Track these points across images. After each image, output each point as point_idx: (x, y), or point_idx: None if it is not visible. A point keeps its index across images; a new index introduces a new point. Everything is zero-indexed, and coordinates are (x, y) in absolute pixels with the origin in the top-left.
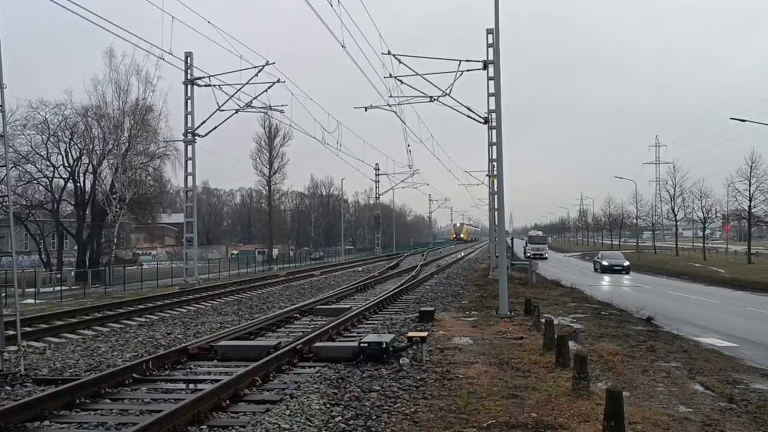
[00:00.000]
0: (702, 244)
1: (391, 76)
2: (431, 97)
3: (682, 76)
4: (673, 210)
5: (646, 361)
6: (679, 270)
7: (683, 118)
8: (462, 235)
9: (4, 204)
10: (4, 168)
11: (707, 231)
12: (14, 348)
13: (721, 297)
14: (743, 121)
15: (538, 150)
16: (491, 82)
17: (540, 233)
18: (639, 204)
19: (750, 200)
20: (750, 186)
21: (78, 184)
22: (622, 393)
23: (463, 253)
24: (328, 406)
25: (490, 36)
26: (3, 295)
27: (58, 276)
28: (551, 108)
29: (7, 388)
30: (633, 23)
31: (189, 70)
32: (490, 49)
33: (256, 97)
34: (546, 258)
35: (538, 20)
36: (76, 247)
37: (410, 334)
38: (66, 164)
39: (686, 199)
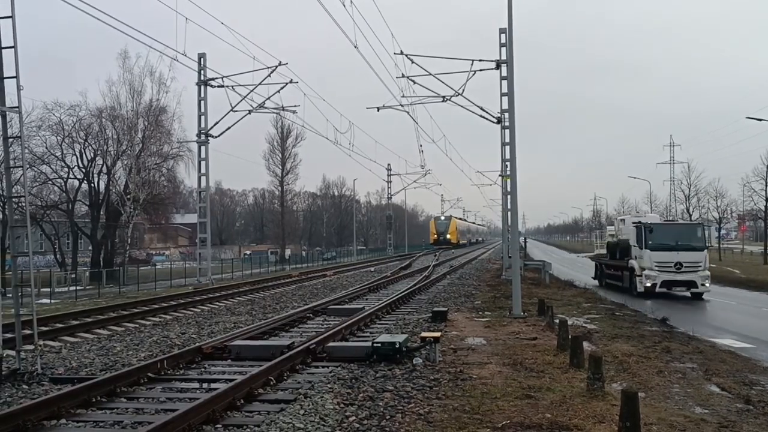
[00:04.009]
0: (717, 245)
1: (403, 76)
2: (444, 96)
3: (698, 76)
4: (687, 210)
5: (661, 362)
6: None
7: (698, 118)
8: (449, 236)
9: (21, 204)
10: (21, 169)
11: (723, 231)
12: (31, 347)
13: (736, 298)
14: (759, 120)
15: (552, 150)
16: (504, 82)
17: (676, 219)
18: (653, 204)
19: (766, 200)
20: (766, 186)
21: (92, 185)
22: (638, 394)
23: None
24: (342, 405)
25: (503, 35)
26: (19, 294)
27: (73, 276)
28: (565, 109)
29: (25, 386)
30: (650, 25)
31: (202, 71)
32: (503, 49)
33: (268, 98)
34: (701, 295)
35: (551, 22)
36: (90, 248)
37: (423, 334)
38: (80, 165)
39: (701, 199)
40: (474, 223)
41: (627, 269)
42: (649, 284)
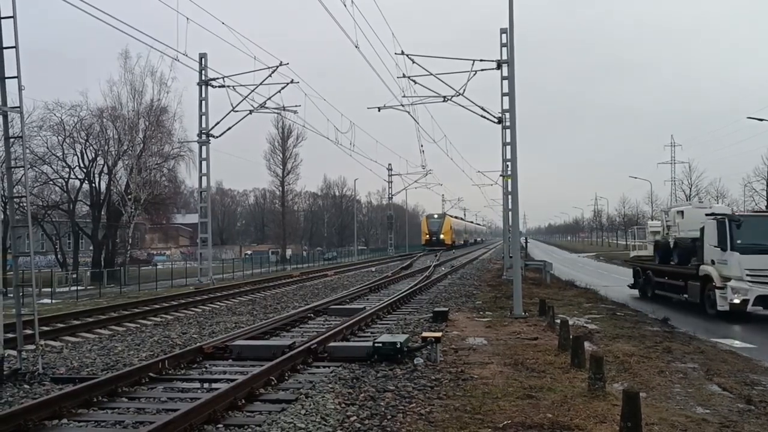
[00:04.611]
0: None
1: (404, 76)
2: (445, 96)
3: (698, 77)
4: None
5: (662, 362)
6: None
7: (699, 118)
8: (443, 236)
9: (22, 204)
10: (22, 169)
11: None
12: (32, 347)
13: None
14: (760, 120)
15: (553, 150)
16: (505, 82)
17: None
18: (654, 204)
19: (767, 200)
20: (767, 186)
21: (93, 185)
22: (639, 394)
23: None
24: (343, 405)
25: (504, 35)
26: (21, 294)
27: (74, 276)
28: (566, 108)
29: (26, 386)
30: (651, 26)
31: (203, 71)
32: (504, 49)
33: (269, 98)
34: None
35: (552, 22)
36: (91, 248)
37: (424, 334)
38: (81, 165)
39: (702, 198)
40: (472, 222)
41: (697, 278)
42: (737, 300)
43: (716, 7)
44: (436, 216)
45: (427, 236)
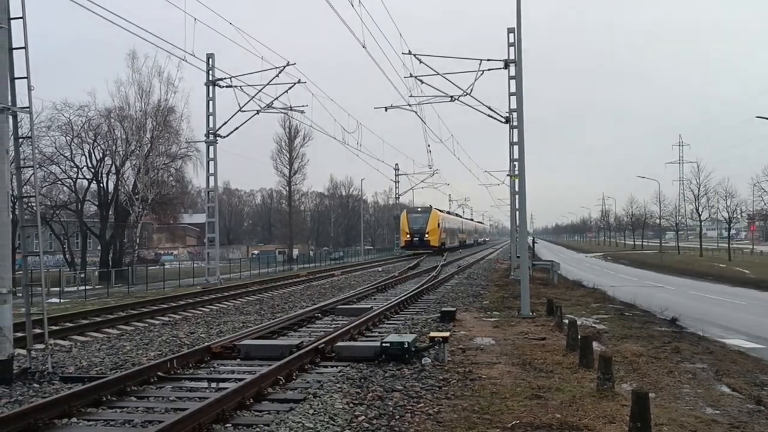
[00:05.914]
0: (727, 245)
1: (411, 75)
2: (452, 96)
3: (708, 77)
4: (697, 210)
5: (671, 363)
6: (704, 271)
7: (708, 117)
8: (428, 236)
9: (31, 204)
10: (31, 169)
11: (732, 231)
12: (41, 346)
13: (746, 298)
14: None
15: (560, 151)
16: (513, 81)
17: None
18: (662, 204)
19: None
20: None
21: (101, 185)
22: (648, 394)
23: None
24: (351, 405)
25: (511, 35)
26: (30, 294)
27: (82, 275)
28: (574, 110)
29: (35, 385)
30: (660, 29)
31: (211, 72)
32: (512, 48)
33: (276, 98)
34: None
35: (562, 24)
36: (99, 247)
37: (432, 334)
38: (89, 165)
39: (710, 198)
40: (472, 219)
41: None
42: None
43: (727, 7)
44: (419, 210)
45: (408, 236)
